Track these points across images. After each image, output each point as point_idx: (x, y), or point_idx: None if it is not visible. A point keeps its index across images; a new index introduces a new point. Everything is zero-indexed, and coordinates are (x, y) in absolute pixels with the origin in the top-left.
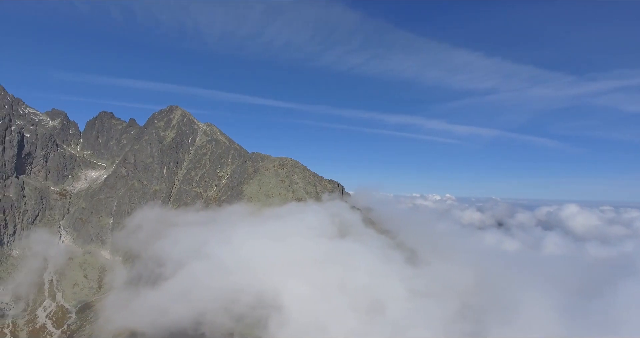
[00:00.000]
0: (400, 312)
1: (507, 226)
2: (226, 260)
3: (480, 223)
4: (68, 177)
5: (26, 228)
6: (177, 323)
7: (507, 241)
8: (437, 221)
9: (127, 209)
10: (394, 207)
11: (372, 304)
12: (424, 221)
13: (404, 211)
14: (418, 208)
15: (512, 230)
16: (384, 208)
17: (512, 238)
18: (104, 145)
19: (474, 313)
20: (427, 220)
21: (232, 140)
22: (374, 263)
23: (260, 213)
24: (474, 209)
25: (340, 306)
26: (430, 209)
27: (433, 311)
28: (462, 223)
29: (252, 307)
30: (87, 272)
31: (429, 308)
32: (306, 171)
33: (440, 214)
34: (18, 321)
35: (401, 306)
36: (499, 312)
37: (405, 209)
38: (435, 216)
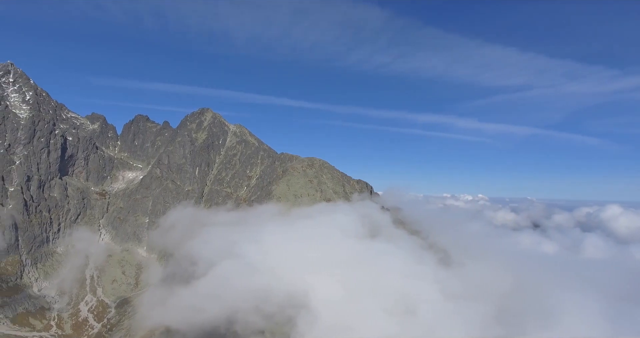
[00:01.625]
0: (433, 314)
1: (544, 227)
2: (256, 259)
3: (514, 224)
4: (107, 178)
5: (69, 226)
6: (211, 321)
7: (544, 243)
8: (469, 222)
9: (162, 209)
10: (424, 207)
11: (404, 306)
12: (455, 221)
13: (434, 211)
14: (449, 208)
15: (549, 232)
16: (414, 209)
17: (549, 239)
18: (140, 147)
19: (511, 317)
20: (459, 220)
21: (261, 141)
22: (406, 265)
23: (289, 213)
24: (508, 210)
25: (371, 307)
26: (462, 210)
27: (468, 314)
28: (495, 224)
29: (282, 306)
30: (125, 269)
31: (463, 311)
32: (334, 171)
33: (472, 214)
34: (63, 314)
35: (434, 308)
36: (538, 317)
37: (436, 209)
38: (467, 216)
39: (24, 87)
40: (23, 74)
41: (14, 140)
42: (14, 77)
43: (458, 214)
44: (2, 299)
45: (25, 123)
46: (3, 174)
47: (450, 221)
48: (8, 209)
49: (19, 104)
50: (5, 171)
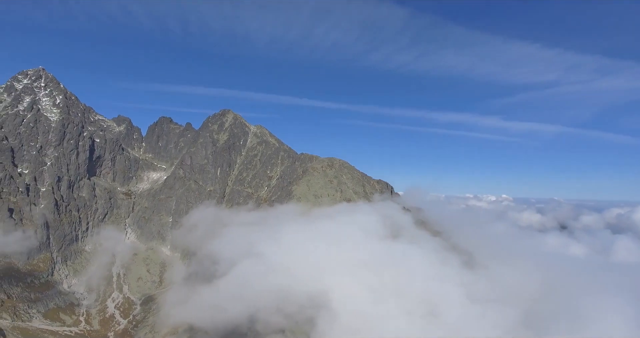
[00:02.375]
0: (458, 317)
1: (571, 229)
2: (277, 260)
3: (540, 225)
4: (132, 178)
5: (97, 225)
6: (232, 320)
7: (572, 246)
8: (493, 223)
9: (185, 209)
10: (446, 208)
11: (427, 308)
12: (479, 222)
13: (457, 212)
14: (471, 209)
15: (577, 234)
16: (436, 209)
17: (577, 241)
18: (164, 148)
19: (539, 322)
20: (482, 221)
21: (281, 141)
22: (429, 267)
23: (310, 213)
24: (533, 211)
25: (393, 309)
26: (485, 211)
27: (494, 318)
28: (520, 225)
29: (303, 306)
30: (150, 267)
31: (489, 314)
32: (354, 171)
33: (495, 215)
34: (91, 310)
35: (458, 311)
36: (567, 321)
37: (458, 210)
38: (491, 217)
39: (55, 92)
40: (53, 79)
41: (45, 142)
42: (45, 82)
43: (481, 215)
44: (34, 294)
45: (55, 126)
46: (35, 175)
47: (473, 222)
48: (40, 209)
49: (49, 107)
50: (37, 172)
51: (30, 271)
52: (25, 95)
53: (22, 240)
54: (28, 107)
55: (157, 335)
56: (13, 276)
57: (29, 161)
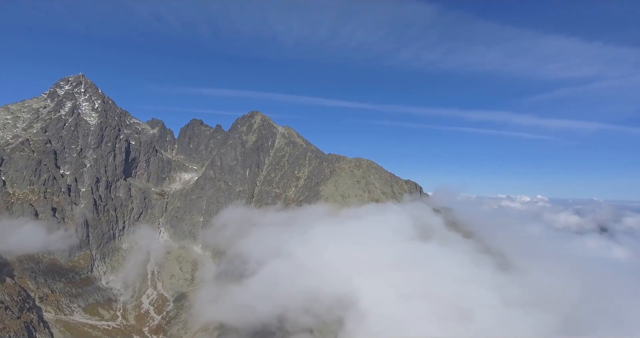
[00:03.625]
0: (491, 322)
1: (612, 231)
2: (306, 260)
3: (578, 227)
4: (165, 179)
5: (132, 224)
6: (261, 319)
7: (614, 248)
8: (527, 225)
9: (215, 209)
10: (477, 209)
11: (459, 312)
12: (512, 224)
13: (489, 213)
14: (504, 210)
15: (619, 236)
16: (466, 210)
17: (619, 244)
18: (195, 150)
19: (578, 327)
20: (516, 223)
21: (308, 142)
22: (461, 269)
23: (338, 214)
24: (571, 212)
25: (423, 311)
26: (519, 212)
27: (530, 322)
28: (556, 227)
29: (331, 307)
30: (182, 265)
31: (524, 319)
32: (382, 172)
33: (530, 217)
34: (127, 306)
35: (492, 315)
36: (607, 327)
37: (490, 211)
38: (525, 219)
39: (93, 97)
40: (92, 85)
41: (85, 145)
42: (85, 88)
43: (515, 216)
44: (76, 290)
45: (94, 129)
46: (76, 176)
47: (506, 224)
48: (80, 208)
49: (89, 112)
50: (78, 173)
51: (71, 267)
52: (66, 100)
53: (64, 238)
54: (69, 112)
55: (189, 332)
56: (56, 272)
57: (70, 163)
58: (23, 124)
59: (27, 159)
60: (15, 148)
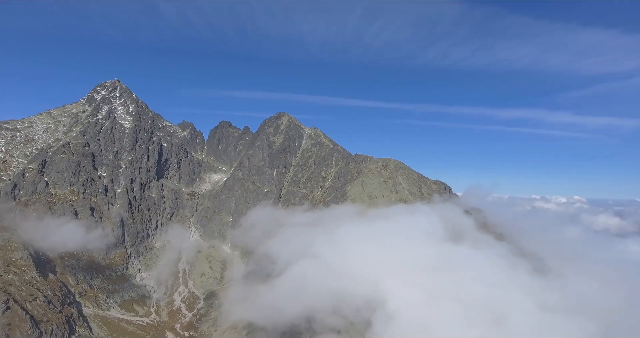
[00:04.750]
0: (527, 327)
1: None
2: (333, 261)
3: (619, 229)
4: (196, 180)
5: (165, 223)
6: (290, 319)
7: None
8: (564, 227)
9: (243, 209)
10: (510, 210)
11: (492, 316)
12: (547, 226)
13: (522, 214)
14: (538, 211)
15: None
16: (498, 211)
17: None
18: (224, 151)
19: (621, 334)
20: (551, 224)
21: (335, 142)
22: (494, 272)
23: (366, 214)
24: (611, 214)
25: (454, 315)
26: (554, 213)
27: (569, 329)
28: (595, 229)
29: (359, 308)
30: (212, 264)
31: (563, 325)
32: (410, 172)
33: (566, 218)
34: (160, 303)
35: (528, 321)
36: None
37: (523, 212)
38: (561, 220)
39: (128, 101)
40: (127, 89)
41: (121, 147)
42: (120, 93)
43: (550, 218)
44: (112, 286)
45: (129, 132)
46: (112, 177)
47: (541, 226)
48: (116, 208)
49: (124, 115)
50: (114, 175)
51: (108, 265)
52: (103, 105)
53: (102, 237)
54: (106, 116)
55: (219, 329)
56: (94, 269)
57: (107, 165)
58: (64, 128)
59: (67, 161)
60: (56, 150)
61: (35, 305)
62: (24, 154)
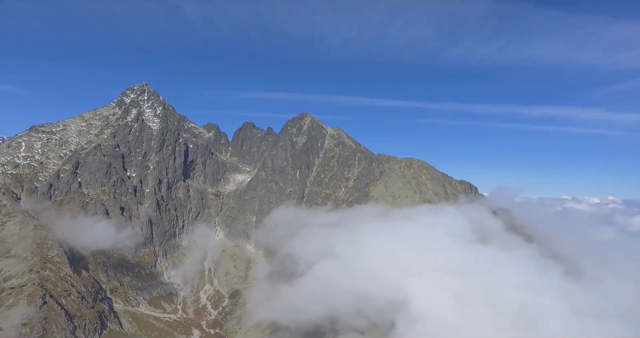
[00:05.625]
0: (558, 332)
1: None
2: (356, 261)
3: None
4: (220, 180)
5: (191, 223)
6: (313, 319)
7: None
8: (597, 228)
9: (267, 209)
10: (539, 211)
11: (521, 321)
12: (579, 227)
13: (552, 215)
14: (569, 212)
15: None
16: (527, 212)
17: None
18: (247, 152)
19: None
20: (584, 226)
21: (358, 143)
22: (525, 276)
23: (389, 215)
24: None
25: (480, 319)
26: (587, 214)
27: (605, 335)
28: (631, 230)
29: (383, 309)
30: (236, 263)
31: (597, 331)
32: (434, 172)
33: (600, 220)
34: (187, 300)
35: (560, 326)
36: None
37: (553, 213)
38: (594, 222)
39: (155, 104)
40: (154, 92)
41: (149, 149)
42: (148, 96)
43: (582, 219)
44: (141, 283)
45: (156, 134)
46: (141, 177)
47: (572, 227)
48: (145, 208)
49: (151, 118)
50: (142, 175)
51: (137, 262)
52: (132, 108)
53: (131, 236)
54: (134, 119)
55: (243, 328)
56: (124, 267)
57: (136, 166)
58: (95, 130)
59: (99, 162)
60: (89, 152)
61: (70, 301)
62: (59, 155)
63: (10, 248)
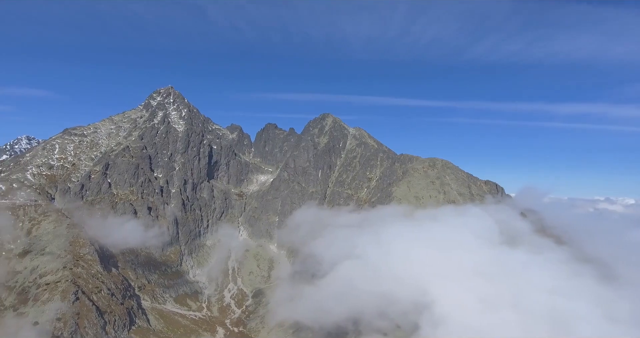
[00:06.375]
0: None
1: None
2: (379, 262)
3: None
4: (244, 181)
5: (215, 223)
6: (335, 319)
7: None
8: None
9: (289, 209)
10: (570, 212)
11: (551, 326)
12: (613, 229)
13: (583, 217)
14: (602, 213)
15: None
16: (557, 213)
17: None
18: (270, 152)
19: None
20: (618, 228)
21: (380, 143)
22: (556, 279)
23: (412, 215)
24: None
25: (510, 323)
26: (621, 216)
27: None
28: None
29: (406, 311)
30: (260, 263)
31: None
32: (459, 172)
33: (635, 221)
34: (211, 299)
35: (592, 332)
36: None
37: (585, 215)
38: (630, 224)
39: (181, 106)
40: (180, 95)
41: (174, 150)
42: (173, 98)
43: (616, 220)
44: (167, 281)
45: (182, 136)
46: (167, 178)
47: (606, 229)
48: (171, 208)
49: (177, 120)
50: (168, 176)
51: (164, 261)
52: (158, 110)
53: (158, 235)
54: (161, 121)
55: (267, 327)
56: (152, 265)
57: (162, 167)
58: (124, 133)
59: (127, 163)
60: (118, 154)
61: (100, 297)
62: (90, 157)
63: (45, 245)
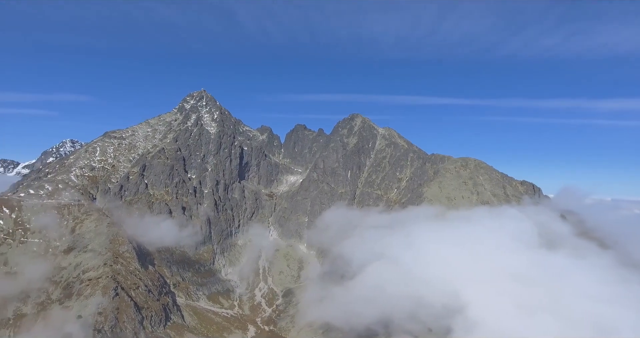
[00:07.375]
0: None
1: None
2: (410, 264)
3: None
4: (274, 181)
5: (246, 223)
6: (365, 321)
7: None
8: None
9: (319, 210)
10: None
11: (595, 334)
12: None
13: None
14: None
15: None
16: (599, 215)
17: None
18: (299, 153)
19: None
20: None
21: (410, 143)
22: (600, 285)
23: (444, 217)
24: None
25: (550, 329)
26: None
27: None
28: None
29: (438, 314)
30: (289, 263)
31: None
32: (492, 172)
33: None
34: (243, 297)
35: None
36: None
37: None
38: None
39: (213, 109)
40: (212, 98)
41: (207, 151)
42: (206, 101)
43: None
44: (201, 279)
45: (214, 138)
46: (200, 179)
47: None
48: (204, 208)
49: (209, 122)
50: (201, 177)
51: (197, 260)
52: (192, 113)
53: (192, 234)
54: (194, 123)
55: (296, 326)
56: (186, 263)
57: (196, 168)
58: (160, 135)
59: (163, 165)
60: (154, 156)
61: (138, 293)
62: (128, 159)
63: (87, 243)
